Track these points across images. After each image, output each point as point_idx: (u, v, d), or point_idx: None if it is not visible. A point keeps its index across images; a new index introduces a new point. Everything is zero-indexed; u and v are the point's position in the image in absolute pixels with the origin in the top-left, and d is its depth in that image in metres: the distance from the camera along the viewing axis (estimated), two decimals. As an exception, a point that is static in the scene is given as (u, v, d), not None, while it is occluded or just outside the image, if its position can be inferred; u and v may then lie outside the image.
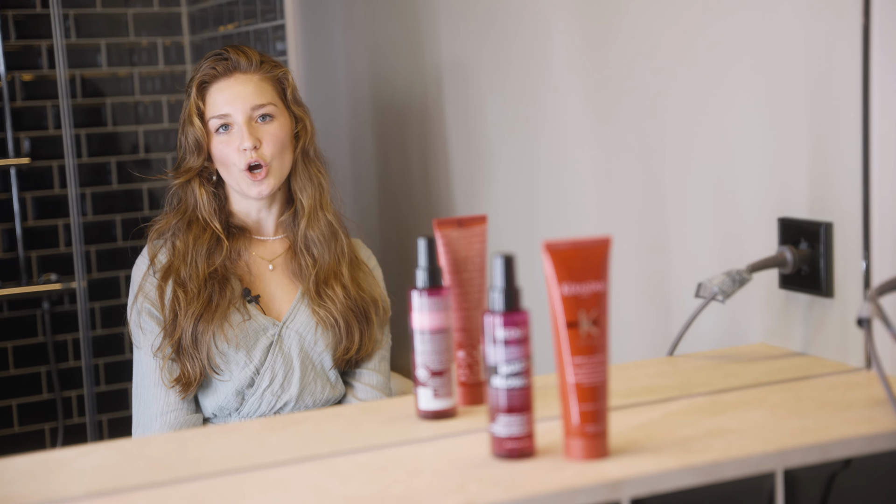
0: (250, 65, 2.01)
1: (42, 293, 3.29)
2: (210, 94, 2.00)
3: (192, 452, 1.27)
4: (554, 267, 1.14)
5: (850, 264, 1.47)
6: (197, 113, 1.99)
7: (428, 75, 2.46)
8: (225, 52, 2.02)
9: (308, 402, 2.00)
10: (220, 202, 2.04)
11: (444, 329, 1.31)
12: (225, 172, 2.00)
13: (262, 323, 1.98)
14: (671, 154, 1.77)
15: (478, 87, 2.27)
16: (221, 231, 2.01)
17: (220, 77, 2.00)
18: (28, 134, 3.34)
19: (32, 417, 3.36)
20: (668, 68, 1.75)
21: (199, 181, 2.02)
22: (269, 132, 1.98)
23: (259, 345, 1.97)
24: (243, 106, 1.97)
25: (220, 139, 1.99)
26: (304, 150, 2.03)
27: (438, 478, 1.12)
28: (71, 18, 3.39)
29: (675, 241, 1.78)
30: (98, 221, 3.40)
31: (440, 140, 2.43)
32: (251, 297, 2.00)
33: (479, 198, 2.30)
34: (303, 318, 2.01)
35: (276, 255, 2.05)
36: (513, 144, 2.17)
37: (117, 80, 3.46)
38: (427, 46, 2.45)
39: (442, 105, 2.41)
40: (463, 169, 2.36)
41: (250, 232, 2.06)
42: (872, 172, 1.42)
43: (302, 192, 2.03)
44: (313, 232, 2.01)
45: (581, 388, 1.14)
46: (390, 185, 2.69)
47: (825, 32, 1.47)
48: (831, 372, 1.46)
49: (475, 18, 2.25)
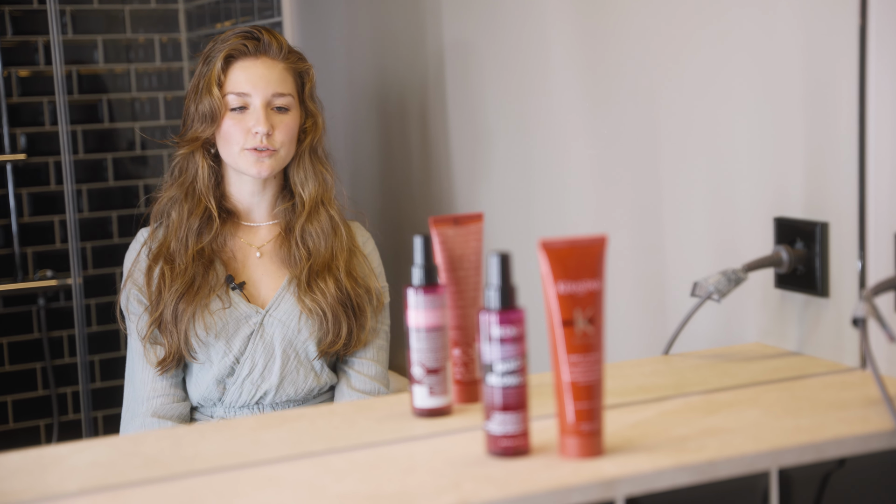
0: (279, 51, 2.00)
1: (38, 289, 3.29)
2: (234, 70, 1.98)
3: (187, 449, 1.27)
4: (550, 265, 1.14)
5: (845, 264, 1.47)
6: (217, 83, 1.97)
7: (426, 72, 2.45)
8: (257, 32, 2.00)
9: (290, 391, 1.99)
10: (217, 179, 2.03)
11: (440, 327, 1.31)
12: (225, 148, 1.99)
13: (243, 311, 1.97)
14: (667, 153, 1.77)
15: (477, 82, 2.27)
16: (214, 208, 2.00)
17: (248, 55, 1.98)
18: (24, 130, 3.33)
19: (27, 414, 3.36)
20: (664, 66, 1.75)
21: (203, 152, 2.00)
22: (283, 121, 1.97)
23: (240, 333, 1.97)
24: (265, 90, 1.96)
25: (233, 116, 1.97)
26: (313, 147, 2.03)
27: (433, 476, 1.12)
28: (68, 14, 3.38)
29: (670, 239, 1.78)
30: (94, 218, 3.40)
31: (438, 137, 2.43)
32: (235, 284, 1.99)
33: (475, 195, 2.30)
34: (287, 306, 1.99)
35: (265, 241, 2.04)
36: (509, 142, 2.17)
37: (114, 76, 3.45)
38: (424, 43, 2.45)
39: (439, 101, 2.41)
40: (461, 166, 2.36)
41: (239, 217, 2.05)
42: (868, 172, 1.42)
43: (303, 187, 2.02)
44: (312, 226, 2.00)
45: (576, 387, 1.14)
46: (389, 180, 2.69)
47: (822, 32, 1.47)
48: (826, 371, 1.46)
49: (475, 12, 2.25)
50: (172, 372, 1.98)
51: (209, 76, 1.97)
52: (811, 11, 1.48)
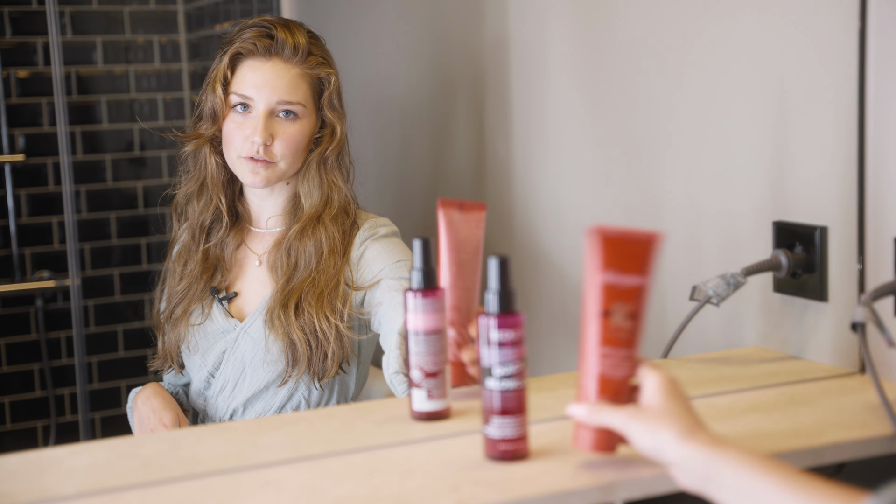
0: (294, 54, 1.82)
1: (36, 290, 3.28)
2: (241, 69, 1.83)
3: (185, 452, 1.26)
4: (601, 252, 1.10)
5: (844, 268, 1.47)
6: (222, 82, 1.83)
7: (426, 74, 2.46)
8: (272, 29, 1.83)
9: (259, 409, 1.86)
10: (230, 175, 1.89)
11: (439, 330, 1.30)
12: (225, 151, 1.85)
13: (221, 325, 1.87)
14: (667, 157, 1.77)
15: (479, 86, 2.27)
16: (224, 207, 1.88)
17: (257, 55, 1.82)
18: (23, 131, 3.33)
19: (25, 415, 3.35)
20: (664, 70, 1.75)
21: (210, 147, 1.87)
22: (287, 131, 1.81)
23: (215, 348, 1.87)
24: (269, 96, 1.80)
25: (235, 118, 1.82)
26: (324, 157, 1.85)
27: (432, 479, 1.12)
28: (67, 15, 3.38)
29: (670, 243, 1.77)
30: (92, 219, 3.39)
31: (437, 139, 2.43)
32: (225, 295, 1.88)
33: (471, 195, 2.30)
34: (260, 323, 1.85)
35: (265, 250, 1.91)
36: (509, 145, 2.17)
37: (113, 77, 3.45)
38: (420, 45, 2.45)
39: (449, 106, 2.41)
40: (462, 169, 2.36)
41: (249, 221, 1.93)
42: (868, 177, 1.42)
43: (307, 198, 1.86)
44: (302, 242, 1.84)
45: (604, 379, 1.11)
46: (386, 185, 2.69)
47: (822, 36, 1.47)
48: (825, 376, 1.46)
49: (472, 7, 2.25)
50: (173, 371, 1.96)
51: (216, 73, 1.84)
52: (810, 15, 1.48)
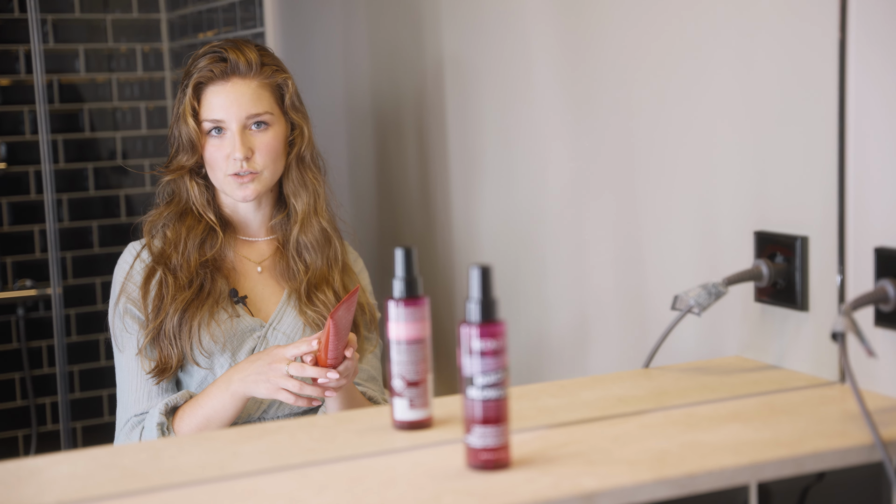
0: (249, 69, 1.94)
1: (17, 299, 3.27)
2: (205, 96, 1.94)
3: (166, 462, 1.26)
4: None
5: (825, 278, 1.47)
6: (191, 113, 1.94)
7: (414, 81, 2.46)
8: (223, 52, 1.94)
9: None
10: (210, 194, 2.00)
11: (421, 339, 1.31)
12: (211, 174, 1.97)
13: (249, 324, 1.95)
14: (648, 166, 1.77)
15: (462, 94, 2.27)
16: (216, 222, 1.98)
17: (216, 80, 1.94)
18: (4, 139, 3.32)
19: (5, 424, 3.33)
20: (644, 81, 1.75)
21: (190, 175, 1.98)
22: (263, 141, 1.94)
23: (245, 346, 1.94)
24: (238, 113, 1.92)
25: (213, 143, 1.94)
26: (300, 156, 1.99)
27: (413, 489, 1.12)
28: (49, 23, 3.37)
29: (651, 253, 1.78)
30: (74, 227, 3.38)
31: (421, 148, 2.43)
32: (238, 297, 1.97)
33: (463, 207, 2.31)
34: (290, 319, 1.97)
35: (264, 257, 2.02)
36: (492, 155, 2.17)
37: (95, 85, 3.44)
38: (409, 52, 2.45)
39: (433, 111, 2.41)
40: (455, 179, 2.36)
41: (237, 231, 2.03)
42: (848, 187, 1.43)
43: (296, 198, 2.00)
44: (306, 237, 1.99)
45: None
46: (363, 192, 2.69)
47: (802, 47, 1.47)
48: (805, 385, 1.46)
49: (468, 26, 2.26)
50: (167, 383, 1.96)
51: (184, 106, 1.95)
52: (791, 26, 1.49)
